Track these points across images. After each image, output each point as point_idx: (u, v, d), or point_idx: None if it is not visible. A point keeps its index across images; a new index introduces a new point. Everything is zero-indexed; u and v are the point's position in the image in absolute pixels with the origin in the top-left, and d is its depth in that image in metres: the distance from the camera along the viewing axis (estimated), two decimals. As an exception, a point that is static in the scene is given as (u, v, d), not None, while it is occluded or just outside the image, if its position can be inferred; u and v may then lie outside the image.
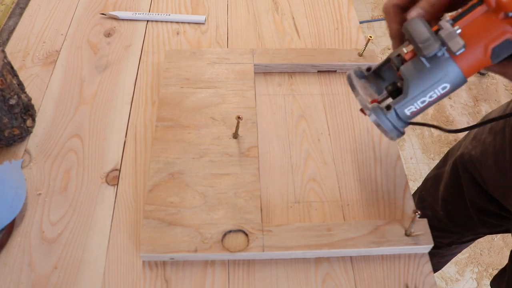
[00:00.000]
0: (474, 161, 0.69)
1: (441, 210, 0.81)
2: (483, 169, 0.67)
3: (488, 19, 0.37)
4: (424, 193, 0.86)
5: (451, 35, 0.38)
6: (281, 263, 0.47)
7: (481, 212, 0.73)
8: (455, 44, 0.38)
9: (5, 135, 0.53)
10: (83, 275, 0.46)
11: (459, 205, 0.76)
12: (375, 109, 0.42)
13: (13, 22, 0.69)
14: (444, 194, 0.79)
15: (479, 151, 0.68)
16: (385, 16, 0.44)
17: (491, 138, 0.66)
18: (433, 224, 0.83)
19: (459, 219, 0.79)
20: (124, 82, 0.62)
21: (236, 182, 0.50)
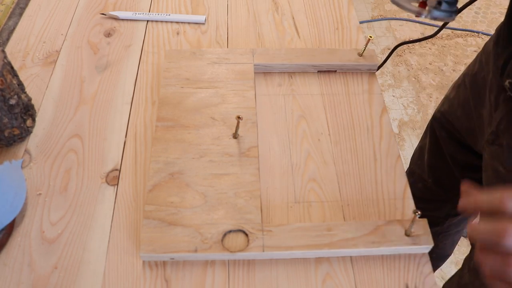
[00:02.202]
0: (446, 116, 0.75)
1: (428, 177, 0.84)
2: (455, 121, 0.72)
3: None
4: (412, 166, 0.90)
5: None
6: (281, 263, 0.47)
7: (462, 168, 0.77)
8: None
9: (5, 135, 0.53)
10: (83, 275, 0.46)
11: (443, 167, 0.80)
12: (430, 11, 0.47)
13: (13, 22, 0.69)
14: (429, 160, 0.83)
15: (447, 106, 0.75)
16: None
17: (455, 92, 0.73)
18: (425, 197, 0.86)
19: (446, 183, 0.82)
20: (124, 82, 0.62)
21: (236, 182, 0.50)
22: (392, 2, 0.49)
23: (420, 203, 0.76)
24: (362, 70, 0.64)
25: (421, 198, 0.87)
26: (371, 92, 0.62)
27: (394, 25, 1.95)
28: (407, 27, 1.95)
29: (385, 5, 2.03)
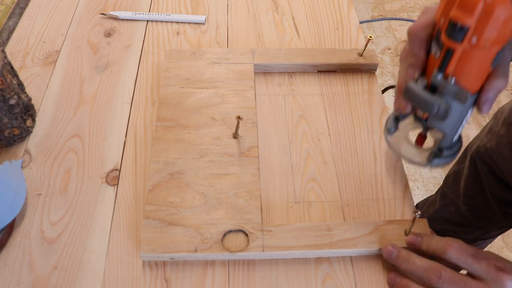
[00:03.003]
0: (490, 153, 0.71)
1: (463, 205, 0.81)
2: (499, 160, 0.69)
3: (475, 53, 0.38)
4: (446, 190, 0.87)
5: (453, 93, 0.41)
6: (281, 263, 0.47)
7: (502, 203, 0.74)
8: (463, 99, 0.41)
9: (5, 135, 0.53)
10: (83, 275, 0.46)
11: (481, 199, 0.77)
12: (431, 162, 0.48)
13: (13, 22, 0.69)
14: (465, 188, 0.80)
15: (494, 143, 0.70)
16: (413, 40, 0.43)
17: (505, 130, 0.68)
18: (456, 221, 0.84)
19: (482, 213, 0.79)
20: (124, 82, 0.62)
21: (236, 182, 0.50)
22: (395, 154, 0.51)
23: (448, 225, 0.76)
24: (362, 70, 0.64)
25: (451, 221, 0.85)
26: (371, 92, 0.62)
27: (394, 25, 1.95)
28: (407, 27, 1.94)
29: (385, 5, 2.03)
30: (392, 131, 0.50)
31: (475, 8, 0.35)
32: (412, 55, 0.42)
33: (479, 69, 0.40)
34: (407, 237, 0.46)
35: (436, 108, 0.42)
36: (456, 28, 0.36)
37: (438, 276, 0.41)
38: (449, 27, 0.37)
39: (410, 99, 0.43)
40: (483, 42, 0.36)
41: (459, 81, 0.40)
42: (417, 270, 0.43)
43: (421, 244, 0.45)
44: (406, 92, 0.43)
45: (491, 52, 0.38)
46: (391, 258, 0.45)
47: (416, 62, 0.42)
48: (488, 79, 0.40)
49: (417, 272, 0.43)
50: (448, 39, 0.37)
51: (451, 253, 0.41)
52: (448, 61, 0.39)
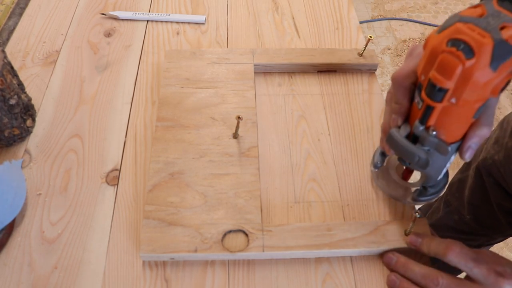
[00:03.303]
0: (497, 165, 0.70)
1: (467, 214, 0.81)
2: (507, 173, 0.67)
3: (456, 110, 0.38)
4: (449, 197, 0.86)
5: (435, 145, 0.41)
6: (281, 263, 0.47)
7: (508, 214, 0.73)
8: (444, 151, 0.41)
9: (5, 135, 0.53)
10: (83, 275, 0.46)
11: (486, 208, 0.76)
12: (416, 200, 0.49)
13: (13, 22, 0.69)
14: (470, 198, 0.79)
15: (502, 155, 0.69)
16: (397, 88, 0.42)
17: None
18: (460, 228, 0.84)
19: (486, 222, 0.79)
20: (124, 82, 0.62)
21: (236, 182, 0.50)
22: (380, 188, 0.52)
23: (452, 232, 0.76)
24: (362, 70, 0.64)
25: (455, 229, 0.84)
26: (371, 92, 0.62)
27: (394, 25, 1.95)
28: (407, 27, 1.95)
29: (385, 5, 2.04)
30: (378, 166, 0.51)
31: (453, 72, 0.35)
32: (396, 102, 0.42)
33: (461, 123, 0.40)
34: (408, 238, 0.46)
35: (417, 158, 0.42)
36: (435, 89, 0.36)
37: (436, 283, 0.42)
38: (428, 87, 0.37)
39: (392, 147, 0.44)
40: (462, 102, 0.36)
41: (440, 135, 0.40)
42: (415, 277, 0.44)
43: (421, 245, 0.45)
44: (388, 140, 0.44)
45: (472, 108, 0.38)
46: (390, 265, 0.46)
47: (400, 109, 0.42)
48: (472, 127, 0.40)
49: (415, 279, 0.44)
50: (428, 98, 0.37)
51: (451, 256, 0.41)
52: (428, 116, 0.39)
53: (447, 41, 0.35)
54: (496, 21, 0.34)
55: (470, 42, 0.34)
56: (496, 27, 0.34)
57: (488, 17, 0.34)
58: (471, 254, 0.41)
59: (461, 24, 0.34)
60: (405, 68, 0.42)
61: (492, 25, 0.34)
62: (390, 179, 0.51)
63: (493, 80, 0.35)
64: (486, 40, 0.33)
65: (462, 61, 0.34)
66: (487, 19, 0.34)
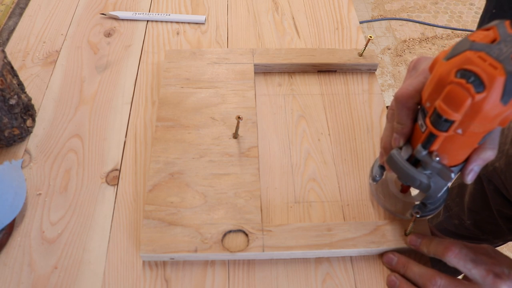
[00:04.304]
0: (498, 173, 0.69)
1: (467, 219, 0.81)
2: (508, 181, 0.67)
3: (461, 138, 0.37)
4: (450, 202, 0.86)
5: (437, 170, 0.40)
6: (281, 263, 0.47)
7: (509, 220, 0.73)
8: (446, 177, 0.40)
9: (5, 135, 0.53)
10: (83, 275, 0.46)
11: (486, 214, 0.76)
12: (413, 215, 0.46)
13: (13, 22, 0.69)
14: (470, 203, 0.79)
15: (503, 163, 0.68)
16: (400, 108, 0.41)
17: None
18: (461, 233, 0.83)
19: (486, 228, 0.79)
20: (124, 82, 0.62)
21: (236, 182, 0.50)
22: (378, 202, 0.51)
23: (452, 236, 0.75)
24: (362, 70, 0.64)
25: (455, 233, 0.84)
26: (371, 92, 0.62)
27: (394, 25, 1.95)
28: (407, 27, 1.95)
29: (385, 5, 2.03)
30: (377, 179, 0.49)
31: (462, 105, 0.33)
32: (399, 122, 0.41)
33: (465, 149, 0.38)
34: (408, 238, 0.46)
35: (418, 183, 0.41)
36: (441, 119, 0.35)
37: (434, 283, 0.42)
38: (434, 116, 0.35)
39: (393, 169, 0.42)
40: (469, 134, 0.35)
41: (443, 159, 0.39)
42: (414, 277, 0.44)
43: (421, 246, 0.45)
44: (389, 161, 0.42)
45: (478, 137, 0.37)
46: (390, 265, 0.46)
47: (402, 130, 0.41)
48: (476, 151, 0.39)
49: (414, 279, 0.44)
50: (432, 127, 0.36)
51: (450, 257, 0.41)
52: (432, 141, 0.38)
53: (456, 71, 0.33)
54: (509, 48, 0.32)
55: (481, 75, 0.31)
56: (509, 55, 0.31)
57: (500, 44, 0.32)
58: (471, 255, 0.41)
59: (472, 53, 0.32)
60: (409, 88, 0.40)
61: (505, 53, 0.31)
62: (388, 193, 0.50)
63: (502, 113, 0.33)
64: (498, 72, 0.31)
65: (472, 94, 0.32)
66: (499, 45, 0.32)
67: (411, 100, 0.40)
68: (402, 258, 0.46)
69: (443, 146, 0.38)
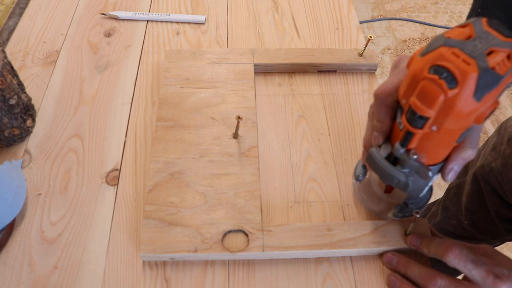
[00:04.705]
0: (495, 173, 0.69)
1: (465, 219, 0.81)
2: (504, 181, 0.67)
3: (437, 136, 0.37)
4: (447, 202, 0.86)
5: (415, 168, 0.40)
6: (281, 263, 0.47)
7: (506, 221, 0.73)
8: (424, 175, 0.39)
9: (5, 135, 0.53)
10: (83, 275, 0.46)
11: (483, 214, 0.76)
12: (396, 215, 0.47)
13: (13, 22, 0.69)
14: (467, 204, 0.79)
15: (499, 163, 0.68)
16: (379, 105, 0.41)
17: (510, 150, 0.66)
18: (458, 233, 0.84)
19: (484, 228, 0.79)
20: (124, 82, 0.62)
21: (236, 182, 0.50)
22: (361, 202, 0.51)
23: (450, 237, 0.75)
24: (362, 70, 0.64)
25: (453, 233, 0.84)
26: (371, 92, 0.62)
27: (394, 25, 1.95)
28: (407, 27, 1.95)
29: (385, 5, 2.04)
30: (360, 179, 0.48)
31: (435, 101, 0.32)
32: (378, 119, 0.41)
33: (443, 147, 0.38)
34: (408, 238, 0.46)
35: (396, 181, 0.41)
36: (415, 116, 0.34)
37: (434, 284, 0.42)
38: (409, 113, 0.35)
39: (371, 167, 0.42)
40: (444, 131, 0.35)
41: (421, 158, 0.39)
42: (415, 277, 0.44)
43: (421, 246, 0.45)
44: (368, 159, 0.42)
45: (455, 134, 0.37)
46: (391, 265, 0.46)
47: (381, 128, 0.41)
48: (456, 150, 0.39)
49: (414, 279, 0.44)
50: (408, 124, 0.36)
51: (450, 257, 0.41)
52: (409, 139, 0.38)
53: (429, 67, 0.33)
54: (484, 45, 0.32)
55: (454, 71, 0.31)
56: (483, 52, 0.31)
57: (475, 40, 0.32)
58: (471, 256, 0.41)
59: (446, 49, 0.32)
60: (388, 85, 0.40)
61: (479, 49, 0.31)
62: (371, 193, 0.50)
63: (476, 110, 0.33)
64: (471, 68, 0.31)
65: (445, 90, 0.32)
66: (474, 42, 0.32)
67: (390, 97, 0.40)
68: (402, 258, 0.46)
69: (421, 144, 0.38)
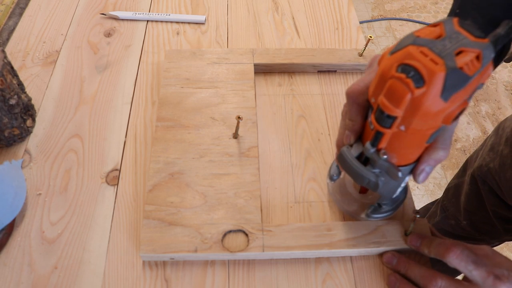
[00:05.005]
0: (492, 173, 0.69)
1: (464, 219, 0.81)
2: (502, 182, 0.67)
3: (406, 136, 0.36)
4: (446, 202, 0.86)
5: (385, 168, 0.39)
6: (281, 263, 0.47)
7: (504, 221, 0.73)
8: (394, 175, 0.39)
9: (5, 135, 0.53)
10: (83, 275, 0.46)
11: (482, 215, 0.76)
12: (369, 216, 0.47)
13: (13, 22, 0.69)
14: (466, 204, 0.79)
15: (497, 163, 0.68)
16: (351, 104, 0.40)
17: (508, 150, 0.66)
18: (457, 233, 0.84)
19: (483, 228, 0.79)
20: (124, 82, 0.62)
21: (236, 182, 0.50)
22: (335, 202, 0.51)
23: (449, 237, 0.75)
24: (362, 70, 0.64)
25: (452, 234, 0.84)
26: (371, 92, 0.62)
27: (394, 25, 1.95)
28: (407, 27, 1.95)
29: (385, 5, 2.04)
30: (334, 178, 0.47)
31: (402, 100, 0.32)
32: (350, 118, 0.41)
33: (413, 148, 0.38)
34: (408, 238, 0.46)
35: (366, 181, 0.40)
36: (384, 115, 0.34)
37: (434, 284, 0.42)
38: (377, 112, 0.35)
39: (342, 166, 0.42)
40: (412, 131, 0.34)
41: (392, 158, 0.38)
42: (415, 277, 0.44)
43: (422, 246, 0.45)
44: (339, 158, 0.42)
45: (424, 135, 0.36)
46: (391, 265, 0.46)
47: (353, 127, 0.41)
48: (427, 151, 0.39)
49: (414, 279, 0.44)
50: (376, 124, 0.35)
51: (451, 258, 0.41)
52: (379, 139, 0.37)
53: (397, 66, 0.32)
54: (454, 45, 0.31)
55: (421, 70, 0.31)
56: (452, 52, 0.31)
57: (445, 40, 0.31)
58: (472, 257, 0.41)
59: (414, 48, 0.32)
60: (361, 84, 0.40)
61: (448, 49, 0.31)
62: (345, 193, 0.50)
63: (444, 110, 0.32)
64: (438, 68, 0.30)
65: (411, 89, 0.31)
66: (443, 42, 0.31)
67: (361, 96, 0.39)
68: (403, 258, 0.46)
69: (391, 144, 0.37)
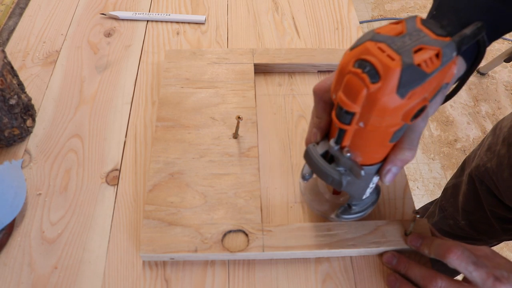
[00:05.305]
0: (490, 173, 0.69)
1: (462, 219, 0.81)
2: (499, 181, 0.67)
3: (368, 133, 0.36)
4: (444, 202, 0.86)
5: (349, 166, 0.39)
6: (281, 263, 0.47)
7: (502, 220, 0.73)
8: (357, 174, 0.39)
9: (5, 135, 0.53)
10: (83, 275, 0.46)
11: (480, 214, 0.76)
12: (340, 217, 0.47)
13: (13, 22, 0.69)
14: (464, 204, 0.79)
15: (494, 163, 0.68)
16: (317, 101, 0.40)
17: (505, 150, 0.66)
18: (456, 233, 0.84)
19: (481, 228, 0.79)
20: (124, 82, 0.62)
21: (236, 182, 0.50)
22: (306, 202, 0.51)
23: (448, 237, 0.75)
24: (362, 70, 0.64)
25: (450, 233, 0.84)
26: (371, 92, 0.62)
27: (394, 25, 1.95)
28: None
29: (385, 5, 2.04)
30: (307, 178, 0.46)
31: (358, 95, 0.32)
32: (316, 115, 0.41)
33: (376, 146, 0.38)
34: (408, 238, 0.46)
35: (330, 179, 0.40)
36: (342, 111, 0.34)
37: (434, 285, 0.42)
38: (337, 108, 0.35)
39: (308, 163, 0.42)
40: (371, 127, 0.34)
41: (356, 156, 0.38)
42: (415, 277, 0.44)
43: (422, 246, 0.45)
44: (305, 156, 0.42)
45: (387, 133, 0.36)
46: (391, 265, 0.46)
47: (319, 124, 0.40)
48: (393, 151, 0.38)
49: (415, 279, 0.44)
50: (336, 120, 0.35)
51: (452, 259, 0.41)
52: (342, 136, 0.37)
53: (354, 61, 0.32)
54: (413, 42, 0.31)
55: (377, 65, 0.31)
56: (410, 49, 0.30)
57: (405, 37, 0.31)
58: (472, 258, 0.41)
59: (372, 44, 0.31)
60: (327, 81, 0.39)
61: (407, 46, 0.31)
62: (317, 193, 0.50)
63: (402, 107, 0.32)
64: (395, 63, 0.30)
65: (367, 84, 0.31)
66: (403, 38, 0.31)
67: (327, 93, 0.39)
68: (403, 258, 0.46)
69: (354, 141, 0.37)
